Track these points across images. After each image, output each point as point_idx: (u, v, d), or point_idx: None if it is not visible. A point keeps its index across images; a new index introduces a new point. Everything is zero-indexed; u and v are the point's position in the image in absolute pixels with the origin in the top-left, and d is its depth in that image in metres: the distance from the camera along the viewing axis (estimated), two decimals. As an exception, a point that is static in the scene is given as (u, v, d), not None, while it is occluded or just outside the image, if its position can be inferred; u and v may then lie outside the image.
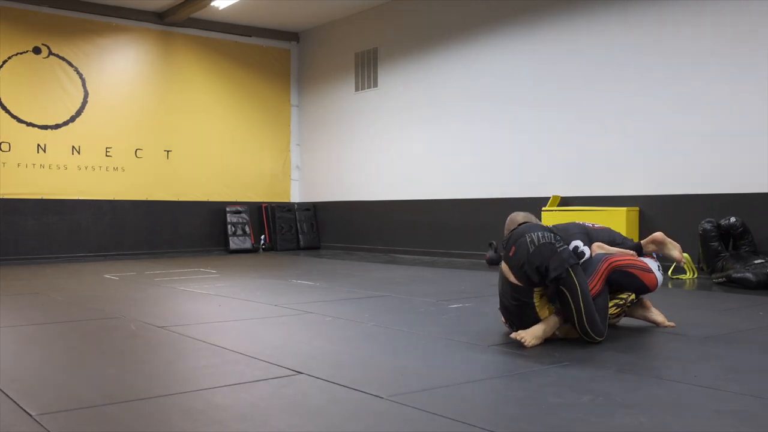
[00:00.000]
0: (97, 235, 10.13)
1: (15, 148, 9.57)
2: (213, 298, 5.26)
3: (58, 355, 3.29)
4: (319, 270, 7.69)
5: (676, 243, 3.78)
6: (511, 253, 3.25)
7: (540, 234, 3.23)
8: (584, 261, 3.44)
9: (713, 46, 6.66)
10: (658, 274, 3.60)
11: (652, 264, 3.63)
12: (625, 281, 3.48)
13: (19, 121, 9.61)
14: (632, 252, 3.61)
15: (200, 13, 10.60)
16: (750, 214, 6.32)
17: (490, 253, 8.27)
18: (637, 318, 3.81)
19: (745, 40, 6.44)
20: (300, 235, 11.53)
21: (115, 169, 10.32)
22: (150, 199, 10.59)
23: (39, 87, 9.77)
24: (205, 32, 11.14)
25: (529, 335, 3.22)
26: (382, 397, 2.43)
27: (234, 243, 10.99)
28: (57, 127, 9.88)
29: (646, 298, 3.83)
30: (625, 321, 3.86)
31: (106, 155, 10.25)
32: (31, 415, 2.26)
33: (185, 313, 4.56)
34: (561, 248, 3.21)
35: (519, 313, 3.34)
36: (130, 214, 10.41)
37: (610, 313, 3.50)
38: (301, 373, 2.78)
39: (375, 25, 10.52)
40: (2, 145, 9.49)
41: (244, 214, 11.25)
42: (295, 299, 5.09)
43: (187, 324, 4.05)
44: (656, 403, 2.34)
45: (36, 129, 9.74)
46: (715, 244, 6.25)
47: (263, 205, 11.65)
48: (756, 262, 5.86)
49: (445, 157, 9.40)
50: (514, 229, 3.39)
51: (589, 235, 3.64)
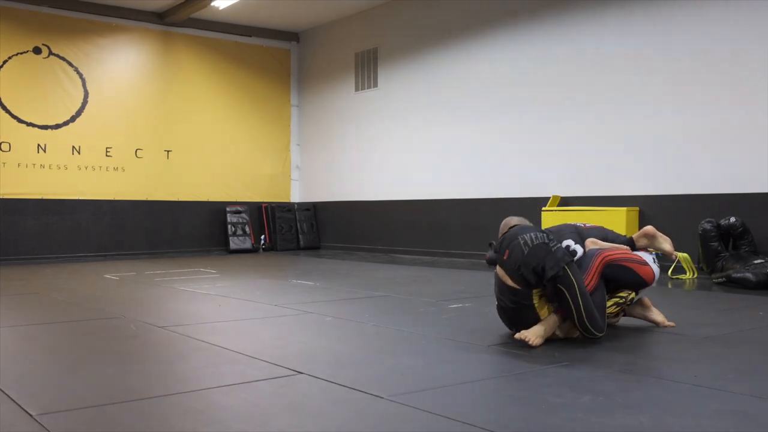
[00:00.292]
0: (97, 235, 10.13)
1: (15, 148, 9.57)
2: (213, 298, 5.26)
3: (58, 355, 3.29)
4: (319, 270, 7.69)
5: (666, 236, 3.79)
6: (505, 257, 3.24)
7: (533, 235, 3.23)
8: (577, 258, 3.44)
9: (713, 46, 6.67)
10: (654, 267, 3.60)
11: (647, 257, 3.63)
12: (621, 275, 3.47)
13: (20, 121, 9.62)
14: (625, 247, 3.61)
15: (200, 13, 10.61)
16: (750, 214, 6.32)
17: (490, 253, 8.26)
18: (637, 317, 3.81)
19: (745, 40, 6.44)
20: (300, 235, 11.53)
21: (115, 169, 10.32)
22: (150, 199, 10.59)
23: (39, 87, 9.77)
24: (205, 32, 11.15)
25: (533, 334, 3.23)
26: (382, 397, 2.43)
27: (234, 243, 10.99)
28: (57, 127, 9.89)
29: (646, 298, 3.83)
30: (625, 321, 3.86)
31: (106, 155, 10.26)
32: (31, 415, 2.26)
33: (185, 313, 4.56)
34: (555, 247, 3.22)
35: (519, 315, 3.34)
36: (130, 214, 10.42)
37: (609, 311, 3.49)
38: (301, 373, 2.78)
39: (375, 25, 10.52)
40: (2, 145, 9.50)
41: (244, 214, 11.25)
42: (295, 299, 5.09)
43: (187, 324, 4.05)
44: (656, 403, 2.34)
45: (36, 129, 9.74)
46: (715, 244, 6.25)
47: (263, 205, 11.65)
48: (756, 262, 5.86)
49: (445, 157, 9.40)
50: (506, 232, 3.38)
51: (581, 234, 3.65)
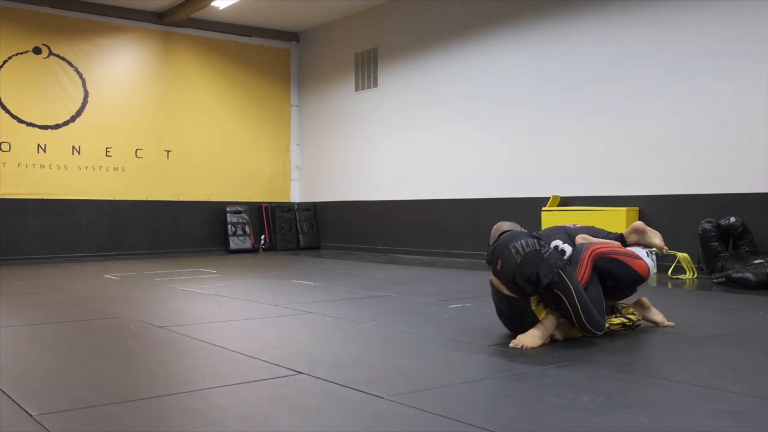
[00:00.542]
0: (97, 235, 10.13)
1: (15, 148, 9.57)
2: (213, 298, 5.26)
3: (58, 355, 3.29)
4: (319, 270, 7.69)
5: (656, 231, 3.79)
6: (498, 266, 3.22)
7: (524, 242, 3.20)
8: (567, 257, 3.45)
9: (713, 46, 6.67)
10: (648, 261, 3.59)
11: (640, 251, 3.62)
12: (615, 269, 3.46)
13: (20, 121, 9.62)
14: (616, 243, 3.61)
15: (200, 13, 10.61)
16: (750, 214, 6.32)
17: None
18: (637, 318, 3.81)
19: (745, 40, 6.44)
20: (300, 235, 11.53)
21: (115, 169, 10.32)
22: (150, 199, 10.59)
23: (39, 87, 9.77)
24: (205, 32, 11.15)
25: (528, 338, 3.22)
26: (382, 397, 2.43)
27: (234, 243, 10.99)
28: (57, 127, 9.89)
29: (646, 298, 3.83)
30: (625, 321, 3.86)
31: (106, 155, 10.26)
32: (31, 415, 2.26)
33: (185, 313, 4.56)
34: (547, 253, 3.20)
35: (518, 320, 3.35)
36: (130, 214, 10.42)
37: (613, 329, 3.50)
38: (301, 373, 2.78)
39: (375, 25, 10.52)
40: (2, 145, 9.50)
41: (244, 214, 11.25)
42: (295, 299, 5.09)
43: (187, 324, 4.05)
44: (656, 403, 2.34)
45: (36, 129, 9.74)
46: (715, 244, 6.25)
47: (263, 205, 11.65)
48: (756, 262, 5.86)
49: (445, 157, 9.40)
50: (496, 241, 3.36)
51: (569, 234, 3.65)
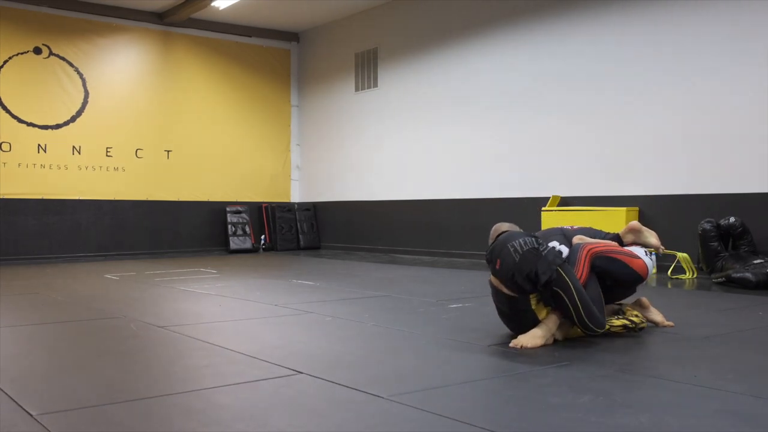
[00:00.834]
0: (97, 235, 10.13)
1: (15, 148, 9.57)
2: (213, 298, 5.26)
3: (58, 355, 3.29)
4: (319, 270, 7.69)
5: (652, 231, 3.80)
6: (497, 266, 3.23)
7: (521, 241, 3.21)
8: (564, 257, 3.45)
9: (713, 46, 6.67)
10: (647, 260, 3.59)
11: (639, 251, 3.62)
12: (613, 268, 3.47)
13: (20, 121, 9.62)
14: (613, 243, 3.62)
15: (200, 13, 10.61)
16: (750, 214, 6.33)
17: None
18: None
19: (745, 40, 6.44)
20: (300, 235, 11.53)
21: (116, 169, 10.32)
22: (150, 199, 10.60)
23: (39, 87, 9.77)
24: (205, 32, 11.15)
25: (529, 338, 3.23)
26: (382, 397, 2.43)
27: (234, 243, 10.99)
28: (57, 127, 9.89)
29: (645, 297, 3.83)
30: (625, 321, 3.86)
31: (107, 155, 10.26)
32: (31, 415, 2.26)
33: (185, 313, 4.56)
34: (545, 251, 3.21)
35: (519, 319, 3.35)
36: (130, 214, 10.42)
37: (614, 330, 3.50)
38: (301, 373, 2.78)
39: (375, 25, 10.52)
40: (3, 145, 9.50)
41: (244, 214, 11.25)
42: (295, 299, 5.09)
43: (187, 324, 4.05)
44: (656, 403, 2.34)
45: (36, 129, 9.74)
46: (715, 244, 6.25)
47: (263, 205, 11.65)
48: (755, 262, 5.86)
49: (445, 157, 9.40)
50: (494, 241, 3.37)
51: (566, 236, 3.66)
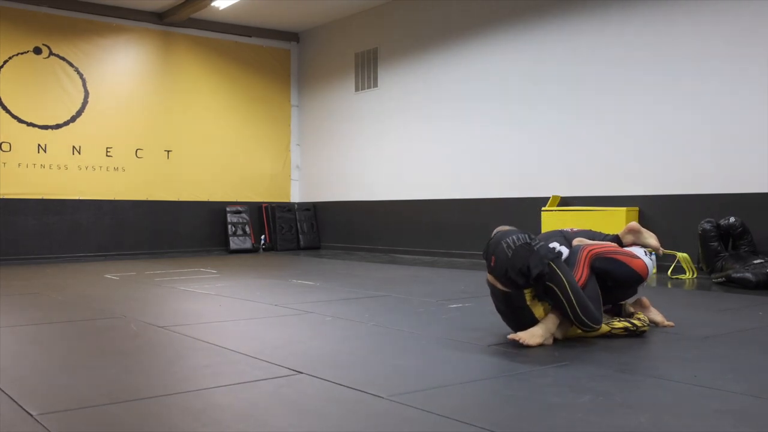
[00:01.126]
0: (97, 235, 10.13)
1: (15, 148, 9.57)
2: (213, 298, 5.26)
3: (58, 355, 3.29)
4: (319, 270, 7.69)
5: (651, 232, 3.82)
6: (492, 264, 3.26)
7: (515, 237, 3.23)
8: (564, 258, 3.46)
9: (713, 46, 6.67)
10: (647, 260, 3.59)
11: (638, 251, 3.63)
12: (613, 269, 3.46)
13: (20, 121, 9.62)
14: (613, 244, 3.62)
15: (200, 13, 10.61)
16: (750, 214, 6.33)
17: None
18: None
19: (745, 40, 6.44)
20: (300, 235, 11.53)
21: (116, 169, 10.32)
22: (150, 199, 10.60)
23: (39, 87, 9.77)
24: (205, 32, 11.15)
25: (528, 335, 3.24)
26: (382, 397, 2.43)
27: (234, 243, 10.99)
28: (57, 127, 9.89)
29: (645, 297, 3.83)
30: (625, 321, 3.86)
31: (107, 155, 10.26)
32: (31, 415, 2.26)
33: (185, 313, 4.56)
34: (538, 246, 3.23)
35: (516, 317, 3.37)
36: (130, 214, 10.42)
37: (615, 332, 3.49)
38: (301, 373, 2.78)
39: (375, 25, 10.52)
40: (3, 145, 9.50)
41: (244, 214, 11.25)
42: (295, 299, 5.09)
43: (187, 324, 4.05)
44: (656, 403, 2.34)
45: (36, 129, 9.74)
46: (715, 244, 6.25)
47: (263, 205, 11.65)
48: (755, 262, 5.86)
49: (445, 157, 9.40)
50: (490, 240, 3.40)
51: (566, 238, 3.67)
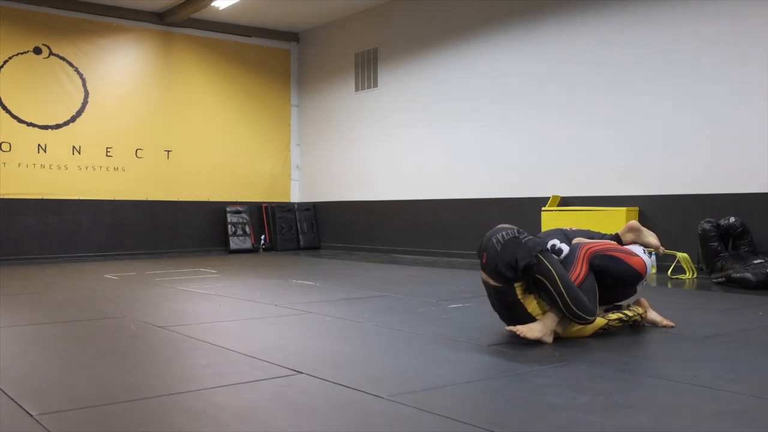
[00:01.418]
0: (97, 235, 10.13)
1: (15, 148, 9.57)
2: (213, 298, 5.26)
3: (59, 355, 3.29)
4: (319, 270, 7.69)
5: (651, 231, 3.83)
6: (484, 260, 3.31)
7: (504, 233, 3.30)
8: (564, 256, 3.48)
9: (713, 46, 6.67)
10: (645, 258, 3.59)
11: (637, 249, 3.64)
12: (611, 266, 3.47)
13: (20, 121, 9.62)
14: (612, 242, 3.63)
15: (200, 13, 10.61)
16: (750, 214, 6.32)
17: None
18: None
19: (745, 40, 6.44)
20: (300, 235, 11.53)
21: (116, 169, 10.32)
22: (150, 199, 10.60)
23: (39, 87, 9.77)
24: (205, 32, 11.15)
25: (526, 328, 3.26)
26: (382, 397, 2.43)
27: (234, 243, 10.99)
28: (57, 127, 9.89)
29: (644, 298, 3.83)
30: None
31: (107, 155, 10.26)
32: (31, 415, 2.26)
33: (185, 313, 4.56)
34: (525, 239, 3.28)
35: (509, 312, 3.39)
36: (130, 214, 10.42)
37: (612, 324, 3.50)
38: (301, 373, 2.78)
39: (375, 25, 10.52)
40: (3, 145, 9.50)
41: (244, 214, 11.25)
42: (295, 299, 5.09)
43: (187, 324, 4.05)
44: (656, 403, 2.34)
45: (36, 129, 9.74)
46: (715, 244, 6.25)
47: (263, 205, 11.65)
48: (755, 262, 5.86)
49: (445, 157, 9.40)
50: (483, 238, 3.43)
51: (567, 236, 3.69)
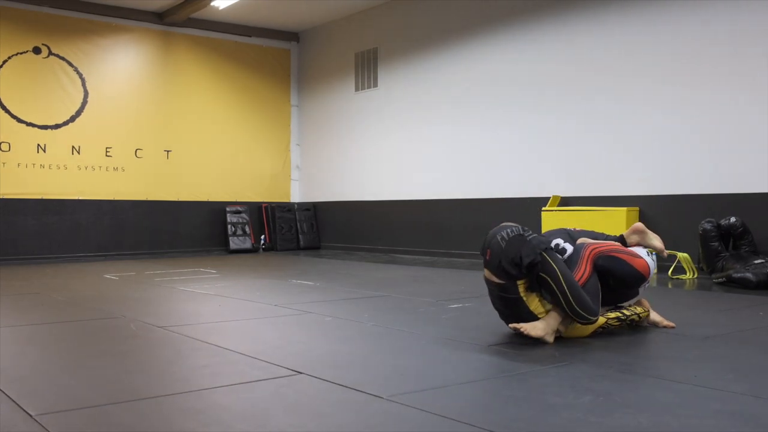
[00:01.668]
0: (97, 235, 10.13)
1: (15, 148, 9.57)
2: (213, 298, 5.26)
3: (59, 355, 3.29)
4: (319, 270, 7.69)
5: (656, 234, 3.84)
6: (488, 257, 3.32)
7: (508, 230, 3.31)
8: (567, 255, 3.48)
9: (712, 47, 6.67)
10: (649, 260, 3.60)
11: (640, 251, 3.64)
12: (615, 267, 3.47)
13: (19, 121, 9.62)
14: (616, 243, 3.63)
15: (200, 13, 10.61)
16: (750, 214, 6.32)
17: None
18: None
19: (745, 41, 6.44)
20: (300, 235, 11.53)
21: (115, 169, 10.32)
22: (150, 199, 10.59)
23: (39, 87, 9.77)
24: (205, 32, 11.14)
25: (530, 326, 3.26)
26: (382, 397, 2.43)
27: (234, 243, 10.99)
28: (57, 127, 9.89)
29: (644, 299, 3.83)
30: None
31: (106, 155, 10.26)
32: (31, 415, 2.26)
33: (185, 313, 4.56)
34: (530, 236, 3.29)
35: (511, 310, 3.38)
36: (130, 214, 10.42)
37: (611, 323, 3.50)
38: (301, 373, 2.78)
39: (375, 25, 10.52)
40: (2, 145, 9.49)
41: (244, 214, 11.25)
42: (295, 299, 5.09)
43: (187, 324, 4.05)
44: (656, 403, 2.34)
45: (36, 129, 9.74)
46: (715, 244, 6.25)
47: (263, 205, 11.65)
48: (756, 262, 5.86)
49: (445, 157, 9.40)
50: (486, 235, 3.44)
51: (571, 236, 3.69)
